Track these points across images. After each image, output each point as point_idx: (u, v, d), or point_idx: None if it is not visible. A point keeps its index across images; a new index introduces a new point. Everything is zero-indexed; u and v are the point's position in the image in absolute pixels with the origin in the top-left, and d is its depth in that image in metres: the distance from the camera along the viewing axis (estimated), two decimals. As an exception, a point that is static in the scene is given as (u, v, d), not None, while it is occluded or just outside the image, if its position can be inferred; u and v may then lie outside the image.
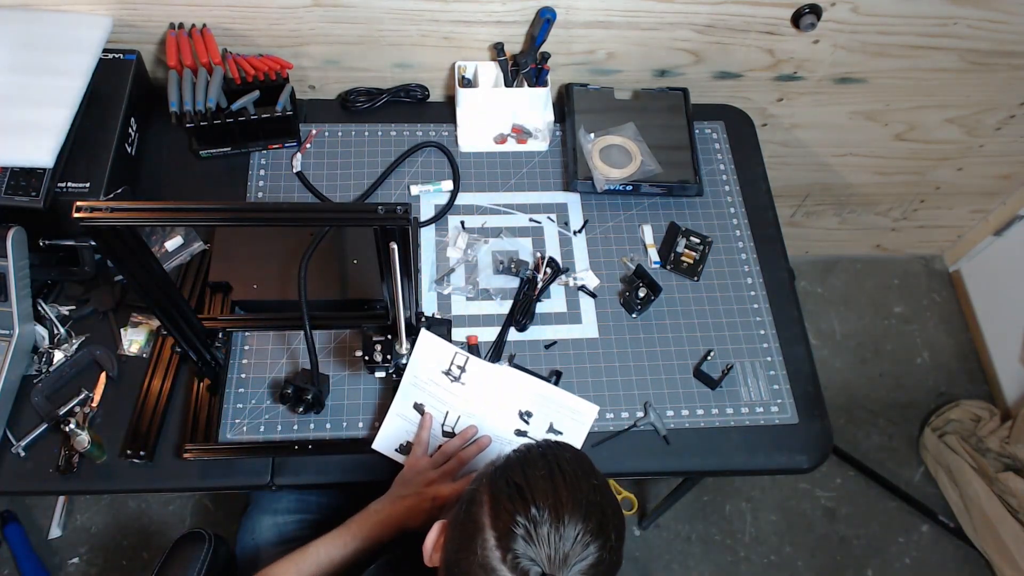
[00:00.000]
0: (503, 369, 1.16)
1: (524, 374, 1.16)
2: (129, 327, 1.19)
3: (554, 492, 0.73)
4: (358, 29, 1.34)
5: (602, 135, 1.40)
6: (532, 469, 0.76)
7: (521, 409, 1.15)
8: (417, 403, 1.13)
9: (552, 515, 0.72)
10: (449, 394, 1.13)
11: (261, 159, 1.38)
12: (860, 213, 2.08)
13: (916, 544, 1.97)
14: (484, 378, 1.13)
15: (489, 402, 1.14)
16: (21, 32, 1.22)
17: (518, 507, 0.72)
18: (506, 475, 0.76)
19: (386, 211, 0.83)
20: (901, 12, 1.40)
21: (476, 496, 0.77)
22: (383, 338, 1.07)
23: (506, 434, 1.14)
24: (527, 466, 0.77)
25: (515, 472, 0.76)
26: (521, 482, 0.74)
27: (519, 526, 0.71)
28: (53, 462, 1.09)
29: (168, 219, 0.84)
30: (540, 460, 0.77)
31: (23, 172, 1.12)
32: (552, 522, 0.71)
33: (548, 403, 1.15)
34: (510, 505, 0.73)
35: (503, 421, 1.14)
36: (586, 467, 0.79)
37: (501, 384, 1.15)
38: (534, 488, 0.74)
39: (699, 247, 1.33)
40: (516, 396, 1.15)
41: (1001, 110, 1.70)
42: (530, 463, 0.77)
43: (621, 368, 1.22)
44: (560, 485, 0.74)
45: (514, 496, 0.73)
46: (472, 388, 1.13)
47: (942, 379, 2.19)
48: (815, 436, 1.20)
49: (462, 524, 0.77)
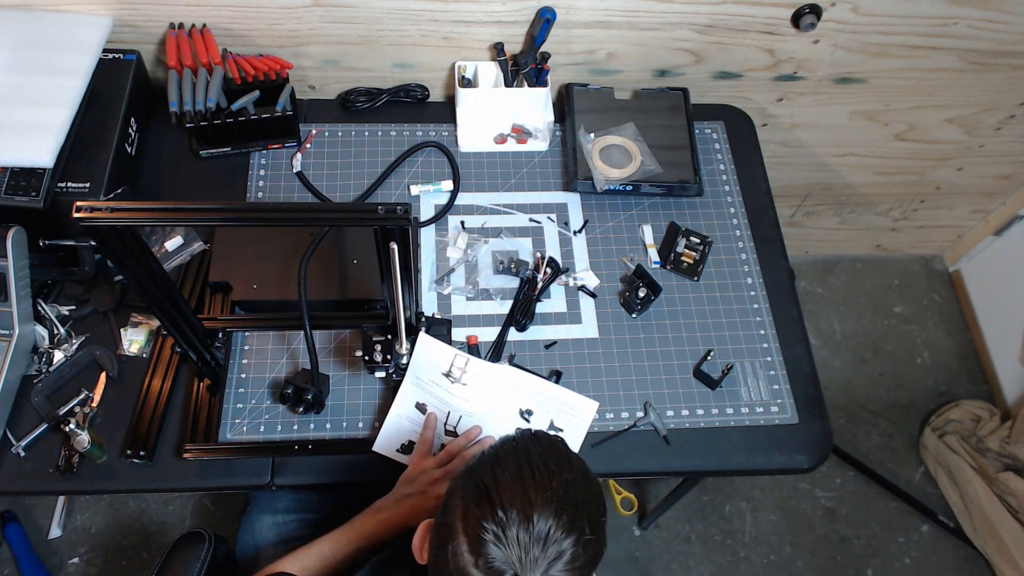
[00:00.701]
0: (502, 368, 1.16)
1: (523, 372, 1.17)
2: (129, 327, 1.19)
3: (522, 492, 0.73)
4: (358, 29, 1.34)
5: (602, 135, 1.40)
6: (502, 469, 0.76)
7: (522, 408, 1.15)
8: (419, 403, 1.13)
9: (521, 516, 0.71)
10: (450, 395, 1.13)
11: (261, 159, 1.38)
12: (860, 213, 2.08)
13: (916, 544, 1.97)
14: (484, 378, 1.13)
15: (490, 401, 1.14)
16: (21, 32, 1.22)
17: (485, 511, 0.72)
18: (476, 477, 0.76)
19: (386, 211, 0.83)
20: (901, 12, 1.40)
21: (451, 499, 0.77)
22: (383, 338, 1.07)
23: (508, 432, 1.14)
24: (497, 465, 0.76)
25: (485, 473, 0.76)
26: (490, 483, 0.74)
27: (488, 531, 0.71)
28: (53, 462, 1.09)
29: (168, 219, 0.84)
30: (511, 457, 0.77)
31: (23, 172, 1.12)
32: (521, 523, 0.71)
33: (548, 401, 1.15)
34: (477, 510, 0.73)
35: (504, 420, 1.14)
36: (559, 458, 0.78)
37: (501, 383, 1.15)
38: (502, 489, 0.73)
39: (699, 247, 1.33)
40: (516, 395, 1.15)
41: (1001, 110, 1.70)
42: (501, 461, 0.77)
43: (621, 368, 1.22)
44: (529, 483, 0.73)
45: (482, 500, 0.73)
46: (473, 388, 1.13)
47: (942, 379, 2.19)
48: (815, 436, 1.20)
49: (438, 527, 0.78)
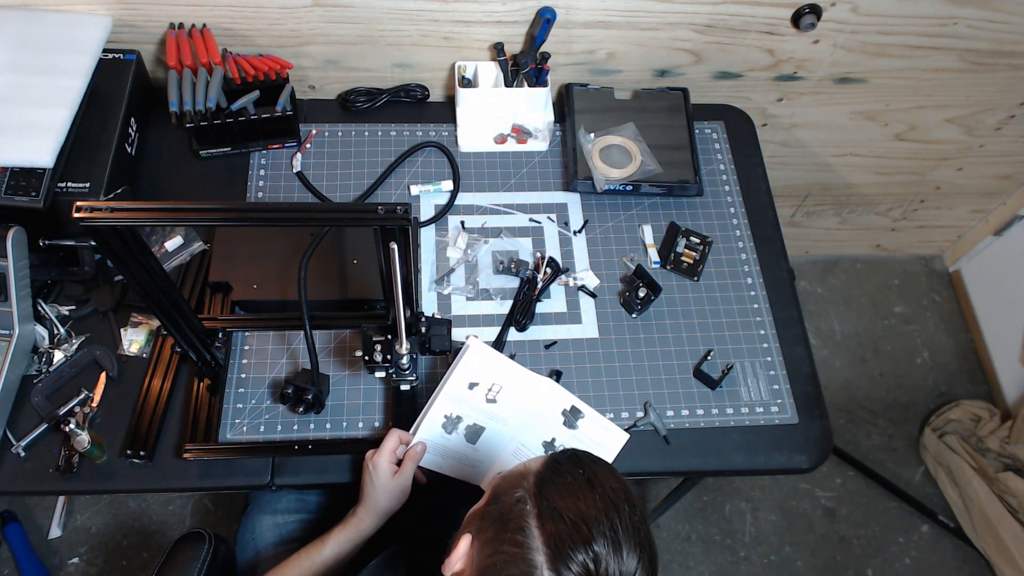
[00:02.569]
0: (539, 382, 1.11)
1: (560, 388, 1.12)
2: (129, 327, 1.19)
3: (611, 528, 0.70)
4: (358, 29, 1.34)
5: (602, 135, 1.40)
6: (580, 498, 0.73)
7: (547, 438, 1.12)
8: (447, 415, 1.10)
9: (613, 549, 0.69)
10: (480, 412, 1.10)
11: (261, 159, 1.38)
12: (860, 213, 2.08)
13: (916, 544, 1.97)
14: (520, 397, 1.10)
15: (520, 419, 1.11)
16: (21, 32, 1.22)
17: (578, 543, 0.69)
18: (553, 503, 0.72)
19: (386, 211, 0.83)
20: (901, 12, 1.40)
21: (521, 522, 0.72)
22: (383, 338, 1.07)
23: (535, 445, 1.12)
24: (576, 496, 0.73)
25: (563, 499, 0.73)
26: (574, 516, 0.71)
27: (576, 563, 0.68)
28: (53, 462, 1.09)
29: (168, 219, 0.84)
30: (586, 488, 0.74)
31: (23, 172, 1.12)
32: (614, 557, 0.69)
33: (578, 433, 1.12)
34: (571, 541, 0.69)
35: (534, 435, 1.12)
36: (629, 495, 0.75)
37: (536, 402, 1.11)
38: (590, 521, 0.70)
39: (699, 247, 1.33)
40: (548, 418, 1.12)
41: (1001, 110, 1.70)
42: (578, 491, 0.73)
43: (621, 368, 1.22)
44: (614, 518, 0.71)
45: (573, 533, 0.70)
46: (505, 407, 1.10)
47: (942, 379, 2.19)
48: (815, 436, 1.20)
49: (504, 552, 0.72)
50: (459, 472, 1.12)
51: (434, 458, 1.11)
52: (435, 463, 1.12)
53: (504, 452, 1.12)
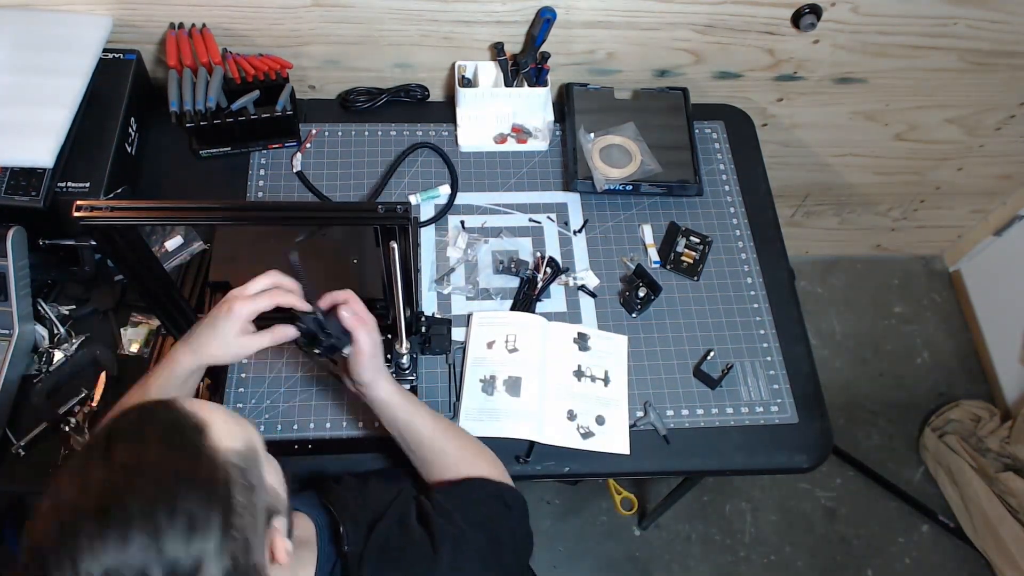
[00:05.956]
0: (542, 321, 1.22)
1: (559, 324, 1.23)
2: (129, 327, 1.19)
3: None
4: (358, 29, 1.34)
5: (602, 135, 1.40)
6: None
7: (573, 367, 1.20)
8: (482, 378, 1.17)
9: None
10: (508, 364, 1.18)
11: (261, 159, 1.38)
12: (860, 213, 2.09)
13: (916, 544, 1.97)
14: (535, 338, 1.20)
15: (544, 359, 1.19)
16: (21, 32, 1.22)
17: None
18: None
19: (386, 210, 0.83)
20: (901, 12, 1.40)
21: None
22: (383, 338, 1.07)
23: (566, 375, 1.19)
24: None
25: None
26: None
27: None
28: (53, 462, 1.09)
29: (168, 219, 0.85)
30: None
31: (23, 172, 1.12)
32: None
33: (592, 352, 1.21)
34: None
35: (563, 368, 1.20)
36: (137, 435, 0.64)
37: (549, 340, 1.21)
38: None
39: (699, 247, 1.33)
40: (565, 349, 1.21)
41: (1001, 110, 1.70)
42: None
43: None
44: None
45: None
46: (527, 353, 1.19)
47: (942, 379, 2.19)
48: (815, 436, 1.20)
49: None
50: (521, 430, 1.13)
51: (492, 423, 1.13)
52: (497, 428, 1.13)
53: (548, 395, 1.16)
